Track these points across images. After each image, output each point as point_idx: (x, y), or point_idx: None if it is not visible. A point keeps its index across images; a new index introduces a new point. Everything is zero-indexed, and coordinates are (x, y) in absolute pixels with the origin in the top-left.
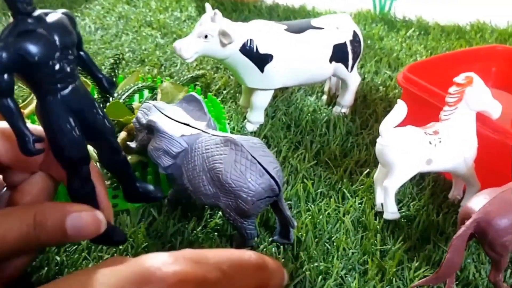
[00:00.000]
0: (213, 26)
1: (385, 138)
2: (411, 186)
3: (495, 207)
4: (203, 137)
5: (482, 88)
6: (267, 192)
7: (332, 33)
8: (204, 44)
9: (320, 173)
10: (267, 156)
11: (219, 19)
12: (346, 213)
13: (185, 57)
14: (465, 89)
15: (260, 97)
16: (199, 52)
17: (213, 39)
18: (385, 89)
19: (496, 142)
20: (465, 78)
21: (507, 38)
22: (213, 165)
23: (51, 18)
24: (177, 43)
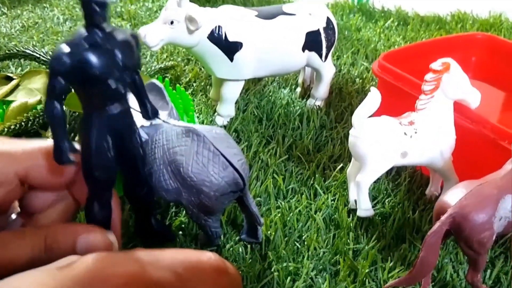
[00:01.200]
0: (179, 11)
1: (358, 129)
2: (386, 181)
3: (472, 201)
4: (164, 127)
5: (460, 75)
6: (231, 187)
7: (305, 19)
8: (170, 31)
9: (292, 168)
10: (231, 147)
11: (185, 4)
12: (317, 210)
13: (151, 44)
14: (441, 76)
15: (230, 89)
16: (165, 40)
17: (179, 25)
18: (362, 81)
19: (474, 133)
20: (442, 64)
21: (488, 29)
22: (173, 157)
23: (120, 36)
24: (142, 30)
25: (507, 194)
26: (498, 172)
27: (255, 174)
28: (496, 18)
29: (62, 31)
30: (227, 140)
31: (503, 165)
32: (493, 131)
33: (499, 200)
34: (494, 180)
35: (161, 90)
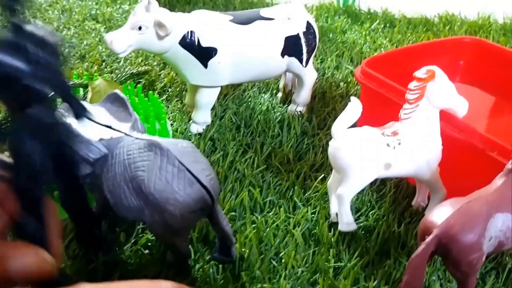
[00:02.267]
0: (148, 16)
1: (338, 140)
2: (370, 192)
3: (459, 220)
4: (125, 141)
5: (445, 83)
6: (198, 204)
7: (283, 24)
8: (138, 37)
9: (270, 179)
10: (198, 162)
11: (154, 9)
12: (296, 224)
13: (118, 51)
14: (426, 84)
15: (205, 95)
16: (134, 46)
17: (148, 30)
18: (346, 85)
19: (462, 143)
20: (427, 72)
21: (477, 31)
22: (135, 173)
23: (38, 33)
24: (108, 36)
25: (497, 212)
26: (488, 187)
27: (230, 186)
28: (485, 20)
29: None
30: (194, 154)
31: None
32: (481, 141)
33: (489, 219)
34: (483, 196)
35: (124, 101)
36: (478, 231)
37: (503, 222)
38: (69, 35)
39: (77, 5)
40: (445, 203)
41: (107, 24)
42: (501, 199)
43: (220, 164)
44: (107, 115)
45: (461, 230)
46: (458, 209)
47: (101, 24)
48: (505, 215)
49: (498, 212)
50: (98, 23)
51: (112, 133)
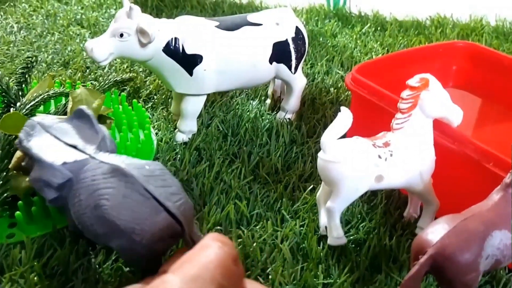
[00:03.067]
0: (129, 23)
1: (328, 152)
2: (361, 204)
3: (455, 239)
4: (90, 164)
5: (440, 92)
6: (166, 232)
7: (272, 30)
8: (120, 44)
9: (257, 190)
10: (167, 186)
11: (136, 15)
12: (284, 238)
13: (99, 59)
14: (420, 93)
15: (191, 104)
16: (115, 53)
17: (130, 38)
18: (336, 91)
19: (456, 154)
20: (420, 81)
21: (469, 33)
22: (99, 201)
23: None
24: (88, 43)
25: (495, 230)
26: (485, 203)
27: (216, 199)
28: (477, 22)
29: (15, 41)
30: (162, 177)
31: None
32: (476, 152)
33: (486, 238)
34: (480, 213)
35: (89, 117)
36: (475, 251)
37: (500, 240)
38: (53, 41)
39: (62, 9)
40: (439, 220)
41: (92, 29)
42: (499, 216)
43: (206, 175)
44: (73, 133)
45: (457, 250)
46: (454, 227)
47: (86, 29)
48: (503, 232)
49: (496, 229)
50: (83, 28)
51: (76, 156)
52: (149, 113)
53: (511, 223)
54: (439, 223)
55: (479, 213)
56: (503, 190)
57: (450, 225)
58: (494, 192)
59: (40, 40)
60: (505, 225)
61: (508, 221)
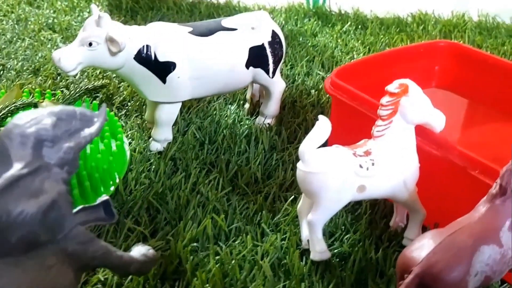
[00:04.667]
0: (98, 31)
1: (307, 163)
2: (344, 214)
3: (441, 256)
4: None
5: (420, 97)
6: None
7: (247, 34)
8: (88, 53)
9: (236, 202)
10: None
11: (106, 23)
12: (265, 254)
13: (67, 69)
14: (399, 99)
15: (165, 112)
16: (84, 63)
17: (99, 46)
18: (317, 93)
19: (440, 161)
20: (399, 86)
21: (452, 30)
22: None
23: None
24: (56, 53)
25: (483, 245)
26: (471, 215)
27: (192, 212)
28: (460, 18)
29: None
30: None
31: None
32: (461, 159)
33: (474, 253)
34: (467, 227)
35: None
36: (463, 268)
37: (489, 256)
38: (23, 47)
39: (34, 14)
40: (425, 235)
41: (64, 34)
42: (486, 229)
43: (182, 187)
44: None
45: (445, 268)
46: (440, 242)
47: (58, 34)
48: (491, 247)
49: (484, 244)
50: (55, 33)
51: None
52: (123, 122)
53: (499, 236)
54: (424, 238)
55: (466, 227)
56: (489, 201)
57: (436, 240)
58: (481, 204)
59: (10, 46)
60: (493, 239)
61: (496, 235)
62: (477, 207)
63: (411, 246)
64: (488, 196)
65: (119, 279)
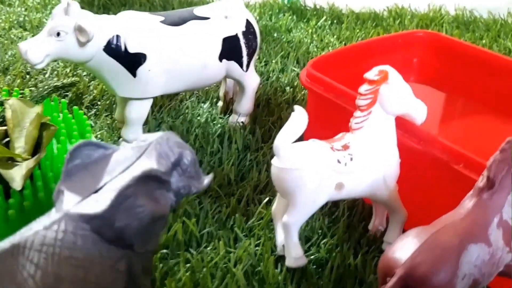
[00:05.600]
0: (67, 20)
1: (281, 159)
2: (321, 217)
3: (427, 257)
4: None
5: (400, 85)
6: None
7: (220, 24)
8: (57, 44)
9: (208, 206)
10: None
11: (74, 12)
12: (238, 261)
13: (34, 61)
14: (379, 87)
15: (135, 109)
16: (52, 55)
17: (67, 37)
18: (293, 90)
19: (422, 155)
20: (379, 73)
21: (429, 24)
22: None
23: None
24: (22, 44)
25: (470, 243)
26: (457, 211)
27: None
28: (436, 12)
29: None
30: None
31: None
32: (444, 152)
33: (462, 253)
34: (453, 224)
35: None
36: (450, 270)
37: (477, 256)
38: None
39: (4, 11)
40: (408, 234)
41: (35, 32)
42: (474, 226)
43: None
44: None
45: (430, 270)
46: (424, 242)
47: (29, 32)
48: (480, 246)
49: (471, 243)
50: (26, 31)
51: None
52: (92, 121)
53: (487, 234)
54: (407, 237)
55: (452, 224)
56: (476, 196)
57: (420, 239)
58: (467, 198)
59: None
60: (481, 236)
61: (485, 232)
62: (463, 202)
63: (393, 246)
64: (474, 190)
65: None
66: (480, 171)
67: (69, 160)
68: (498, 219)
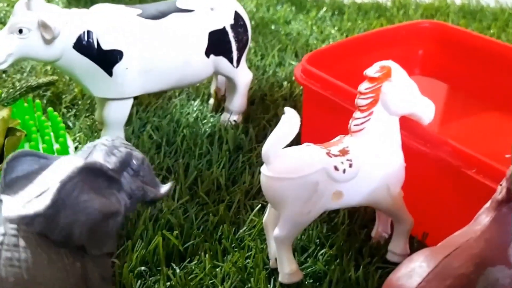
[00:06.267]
0: (29, 16)
1: (271, 166)
2: (319, 224)
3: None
4: None
5: (405, 82)
6: None
7: (206, 16)
8: (19, 42)
9: (194, 214)
10: None
11: (38, 6)
12: (226, 276)
13: None
14: (381, 85)
15: (114, 110)
16: (16, 54)
17: (31, 33)
18: (290, 85)
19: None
20: (380, 70)
21: (434, 14)
22: None
23: None
24: None
25: (488, 267)
26: (471, 229)
27: (142, 229)
28: (442, 1)
29: None
30: None
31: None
32: (455, 156)
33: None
34: (467, 245)
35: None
36: None
37: (496, 281)
38: None
39: None
40: (414, 258)
41: None
42: (492, 246)
43: None
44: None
45: None
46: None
47: None
48: (499, 269)
49: (489, 266)
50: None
51: None
52: (71, 122)
53: (508, 254)
54: (415, 261)
55: (466, 246)
56: (494, 210)
57: (429, 264)
58: (482, 213)
59: None
60: (501, 258)
61: (504, 252)
62: (478, 217)
63: (398, 271)
64: (491, 203)
65: None
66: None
67: (6, 171)
68: None
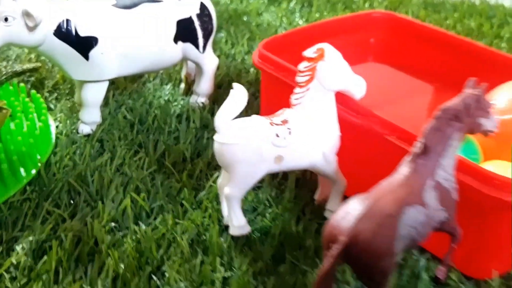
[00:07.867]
0: (13, 5)
1: (222, 134)
2: (269, 188)
3: (368, 225)
4: None
5: (338, 62)
6: None
7: (173, 6)
8: (5, 30)
9: (160, 181)
10: None
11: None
12: (184, 231)
13: None
14: (316, 64)
15: (91, 92)
16: (1, 40)
17: (15, 22)
18: (257, 71)
19: (361, 128)
20: (316, 51)
21: (397, 6)
22: None
23: None
24: None
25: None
26: (393, 178)
27: (114, 193)
28: None
29: None
30: None
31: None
32: (380, 125)
33: (400, 217)
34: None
35: None
36: (389, 234)
37: (414, 218)
38: None
39: None
40: (350, 202)
41: None
42: (410, 191)
43: (107, 167)
44: None
45: (371, 236)
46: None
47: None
48: (416, 208)
49: (408, 205)
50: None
51: None
52: (52, 105)
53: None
54: (350, 205)
55: (390, 191)
56: (412, 162)
57: (361, 207)
58: (403, 164)
59: None
60: (417, 199)
61: (420, 194)
62: (399, 168)
63: (337, 214)
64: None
65: (32, 262)
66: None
67: None
68: (432, 181)
